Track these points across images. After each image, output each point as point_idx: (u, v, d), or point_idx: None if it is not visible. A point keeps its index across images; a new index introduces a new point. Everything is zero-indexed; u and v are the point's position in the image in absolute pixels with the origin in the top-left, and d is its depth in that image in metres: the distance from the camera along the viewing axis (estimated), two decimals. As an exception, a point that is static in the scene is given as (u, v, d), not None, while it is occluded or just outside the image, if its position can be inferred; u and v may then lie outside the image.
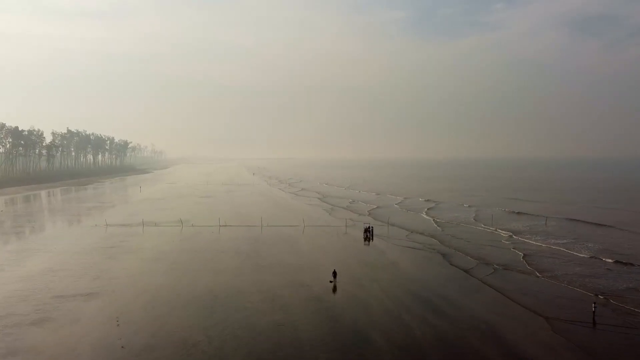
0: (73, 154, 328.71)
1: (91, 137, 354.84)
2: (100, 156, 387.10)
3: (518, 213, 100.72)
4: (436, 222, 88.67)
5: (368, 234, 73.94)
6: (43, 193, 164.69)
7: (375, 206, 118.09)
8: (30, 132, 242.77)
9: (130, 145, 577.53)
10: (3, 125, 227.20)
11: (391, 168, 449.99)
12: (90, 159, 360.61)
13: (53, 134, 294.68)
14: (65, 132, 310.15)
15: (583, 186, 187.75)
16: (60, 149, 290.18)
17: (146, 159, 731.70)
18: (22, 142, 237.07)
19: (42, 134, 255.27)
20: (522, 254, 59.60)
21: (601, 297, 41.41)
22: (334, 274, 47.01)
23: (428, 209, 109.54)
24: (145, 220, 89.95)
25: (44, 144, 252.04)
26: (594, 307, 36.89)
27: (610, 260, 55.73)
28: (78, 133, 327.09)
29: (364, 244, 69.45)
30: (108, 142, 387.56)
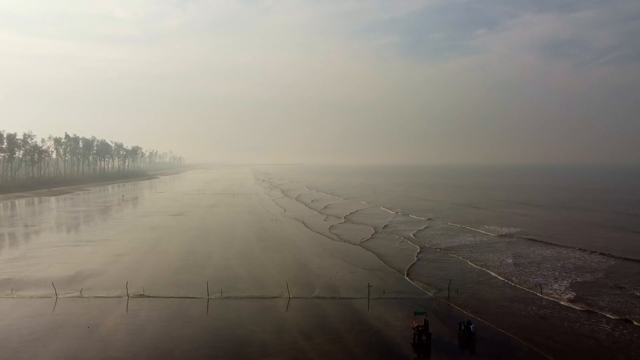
0: (72, 159, 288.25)
1: (95, 143, 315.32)
2: (110, 162, 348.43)
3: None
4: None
5: (421, 337, 29.92)
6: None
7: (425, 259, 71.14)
8: (11, 135, 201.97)
9: (149, 152, 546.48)
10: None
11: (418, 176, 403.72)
12: (96, 165, 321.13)
13: (50, 138, 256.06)
14: (64, 137, 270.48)
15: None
16: (53, 154, 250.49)
17: (165, 164, 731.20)
18: (2, 146, 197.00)
19: (29, 137, 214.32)
20: None
21: None
22: None
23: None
24: (13, 277, 46.65)
25: (28, 148, 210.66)
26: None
27: None
28: (77, 139, 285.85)
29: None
30: (114, 148, 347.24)
